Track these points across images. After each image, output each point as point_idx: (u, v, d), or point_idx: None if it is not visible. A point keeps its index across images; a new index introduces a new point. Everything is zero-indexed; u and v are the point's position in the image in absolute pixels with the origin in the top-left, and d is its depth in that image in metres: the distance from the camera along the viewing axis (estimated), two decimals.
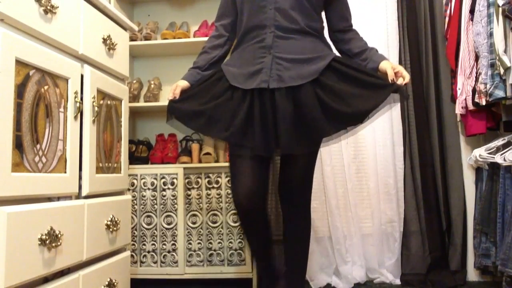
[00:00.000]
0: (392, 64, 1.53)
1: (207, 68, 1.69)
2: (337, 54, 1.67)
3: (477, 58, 2.15)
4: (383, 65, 1.54)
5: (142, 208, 2.41)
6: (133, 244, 2.38)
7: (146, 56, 2.82)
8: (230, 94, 1.54)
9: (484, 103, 2.06)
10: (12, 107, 1.12)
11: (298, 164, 1.64)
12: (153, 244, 2.38)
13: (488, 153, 2.12)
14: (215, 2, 1.89)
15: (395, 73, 1.50)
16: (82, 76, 1.48)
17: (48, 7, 1.27)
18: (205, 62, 1.69)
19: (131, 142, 2.55)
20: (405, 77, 1.48)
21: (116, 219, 1.62)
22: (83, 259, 1.40)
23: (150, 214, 2.40)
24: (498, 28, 1.91)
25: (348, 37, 1.67)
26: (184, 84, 1.65)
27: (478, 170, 2.32)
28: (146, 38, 2.63)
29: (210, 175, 2.40)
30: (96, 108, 1.52)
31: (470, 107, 2.21)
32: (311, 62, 1.53)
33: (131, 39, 2.40)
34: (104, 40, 1.64)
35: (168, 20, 2.83)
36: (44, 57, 1.27)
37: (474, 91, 2.16)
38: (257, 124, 1.47)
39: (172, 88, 1.64)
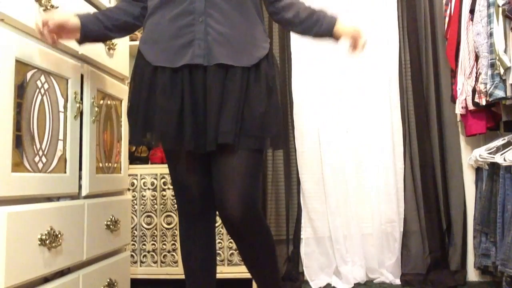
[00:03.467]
0: (350, 30, 1.35)
1: (111, 29, 1.36)
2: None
3: (477, 58, 2.15)
4: (341, 30, 1.36)
5: (142, 208, 2.40)
6: (133, 244, 2.38)
7: None
8: (155, 80, 1.25)
9: (484, 103, 2.06)
10: (12, 107, 1.12)
11: (239, 168, 1.25)
12: (153, 244, 2.38)
13: (488, 153, 2.12)
14: None
15: (354, 39, 1.33)
16: (82, 76, 1.48)
17: (48, 7, 1.27)
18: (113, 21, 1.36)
19: (131, 142, 2.55)
20: (360, 44, 1.32)
21: (116, 219, 1.62)
22: (83, 259, 1.40)
23: (150, 214, 2.40)
24: (498, 28, 1.91)
25: (287, 2, 1.40)
26: (73, 23, 1.28)
27: (478, 170, 2.32)
28: None
29: None
30: (96, 108, 1.52)
31: (470, 107, 2.21)
32: (244, 43, 1.27)
33: (131, 39, 2.39)
34: None
35: None
36: (44, 57, 1.27)
37: (474, 91, 2.16)
38: (187, 113, 1.21)
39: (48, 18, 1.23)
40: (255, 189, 1.28)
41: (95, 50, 1.57)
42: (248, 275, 2.29)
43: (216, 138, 1.20)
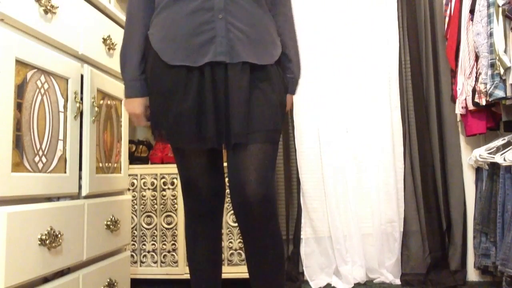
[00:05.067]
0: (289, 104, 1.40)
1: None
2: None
3: (477, 58, 2.15)
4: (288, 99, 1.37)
5: (142, 208, 2.40)
6: (133, 244, 2.38)
7: None
8: (172, 78, 1.22)
9: (484, 103, 2.06)
10: (12, 107, 1.12)
11: (256, 156, 1.23)
12: (153, 244, 2.38)
13: (488, 153, 2.12)
14: None
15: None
16: (82, 76, 1.48)
17: (48, 7, 1.27)
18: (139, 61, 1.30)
19: (131, 142, 2.55)
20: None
21: (116, 219, 1.62)
22: (83, 259, 1.40)
23: (150, 214, 2.40)
24: (498, 28, 1.91)
25: (280, 19, 1.35)
26: (145, 102, 1.31)
27: (478, 170, 2.32)
28: None
29: None
30: (96, 108, 1.52)
31: (470, 107, 2.21)
32: (265, 42, 1.26)
33: None
34: (104, 40, 1.64)
35: None
36: (44, 57, 1.27)
37: (474, 91, 2.16)
38: (210, 110, 1.18)
39: (134, 113, 1.31)
40: (272, 176, 1.27)
41: (95, 50, 1.58)
42: (248, 275, 2.31)
43: (242, 134, 1.18)
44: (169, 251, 2.36)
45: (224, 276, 1.39)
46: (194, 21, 1.19)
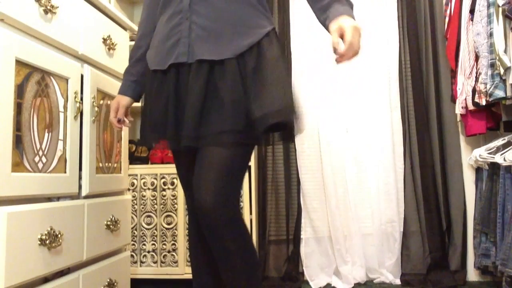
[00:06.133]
0: (342, 28, 1.14)
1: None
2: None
3: (477, 58, 2.15)
4: (331, 28, 1.18)
5: (142, 208, 2.40)
6: (133, 244, 2.38)
7: None
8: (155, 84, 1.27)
9: (484, 103, 2.06)
10: (12, 107, 1.12)
11: (213, 160, 1.16)
12: (153, 244, 2.38)
13: (488, 153, 2.12)
14: None
15: (343, 37, 1.13)
16: (82, 76, 1.48)
17: (48, 7, 1.27)
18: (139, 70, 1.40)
19: (131, 142, 2.55)
20: (350, 46, 1.11)
21: (116, 219, 1.62)
22: (83, 259, 1.40)
23: (150, 214, 2.40)
24: (498, 28, 1.91)
25: None
26: (126, 101, 1.40)
27: (478, 170, 2.32)
28: None
29: None
30: (96, 108, 1.52)
31: (470, 107, 2.21)
32: (229, 35, 1.20)
33: (131, 39, 2.39)
34: (104, 40, 1.64)
35: None
36: (44, 57, 1.27)
37: (474, 91, 2.16)
38: (171, 111, 1.19)
39: (112, 106, 1.40)
40: (231, 182, 1.18)
41: (95, 50, 1.58)
42: None
43: (193, 136, 1.15)
44: (169, 251, 2.36)
45: None
46: (168, 26, 1.25)
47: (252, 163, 2.44)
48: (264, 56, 1.20)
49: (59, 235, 1.25)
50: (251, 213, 2.36)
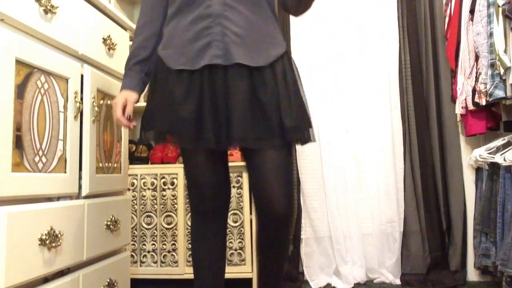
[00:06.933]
0: None
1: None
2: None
3: (477, 58, 2.15)
4: None
5: (142, 208, 2.40)
6: (133, 244, 2.38)
7: None
8: (177, 83, 1.27)
9: (484, 103, 2.06)
10: (12, 107, 1.12)
11: (268, 161, 1.27)
12: (153, 244, 2.38)
13: (488, 153, 2.12)
14: None
15: None
16: (82, 76, 1.48)
17: (48, 7, 1.27)
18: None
19: (131, 142, 2.55)
20: None
21: (116, 219, 1.62)
22: (83, 259, 1.40)
23: (150, 214, 2.40)
24: (498, 28, 1.91)
25: None
26: (134, 98, 1.41)
27: (478, 170, 2.32)
28: None
29: None
30: (96, 108, 1.52)
31: (470, 107, 2.21)
32: (261, 44, 1.28)
33: (131, 39, 2.39)
34: (104, 40, 1.64)
35: None
36: (44, 57, 1.27)
37: (474, 91, 2.16)
38: (208, 111, 1.23)
39: (119, 102, 1.38)
40: (291, 184, 1.36)
41: (95, 50, 1.58)
42: (248, 275, 2.31)
43: (242, 137, 1.22)
44: (169, 251, 2.36)
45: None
46: (194, 29, 1.27)
47: None
48: (288, 68, 1.32)
49: (59, 235, 1.25)
50: (251, 213, 2.36)
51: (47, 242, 1.19)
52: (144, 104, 1.69)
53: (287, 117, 1.24)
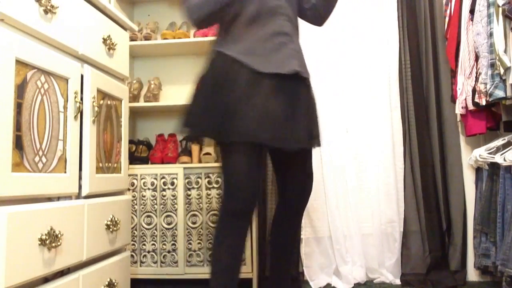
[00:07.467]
0: None
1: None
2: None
3: (477, 58, 2.15)
4: None
5: (142, 208, 2.41)
6: (133, 244, 2.38)
7: (146, 56, 2.82)
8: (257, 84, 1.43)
9: (484, 103, 2.06)
10: (12, 107, 1.12)
11: (307, 162, 1.61)
12: (153, 244, 2.38)
13: (488, 153, 2.12)
14: None
15: None
16: (82, 76, 1.48)
17: (48, 7, 1.27)
18: None
19: (131, 142, 2.55)
20: None
21: (116, 219, 1.62)
22: (83, 259, 1.40)
23: (150, 214, 2.40)
24: (498, 28, 1.91)
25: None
26: None
27: (478, 170, 2.32)
28: (146, 38, 2.63)
29: (210, 175, 2.40)
30: (96, 108, 1.52)
31: (470, 107, 2.21)
32: (303, 61, 1.59)
33: (131, 39, 2.39)
34: (104, 40, 1.64)
35: (168, 20, 2.83)
36: (44, 57, 1.27)
37: (474, 91, 2.16)
38: (284, 112, 1.43)
39: None
40: None
41: (95, 50, 1.58)
42: (248, 275, 2.31)
43: (307, 139, 1.49)
44: (169, 251, 2.36)
45: None
46: (274, 41, 1.47)
47: None
48: (310, 82, 1.61)
49: (59, 235, 1.25)
50: None
51: (47, 242, 1.19)
52: (144, 104, 1.70)
53: (317, 126, 1.57)
